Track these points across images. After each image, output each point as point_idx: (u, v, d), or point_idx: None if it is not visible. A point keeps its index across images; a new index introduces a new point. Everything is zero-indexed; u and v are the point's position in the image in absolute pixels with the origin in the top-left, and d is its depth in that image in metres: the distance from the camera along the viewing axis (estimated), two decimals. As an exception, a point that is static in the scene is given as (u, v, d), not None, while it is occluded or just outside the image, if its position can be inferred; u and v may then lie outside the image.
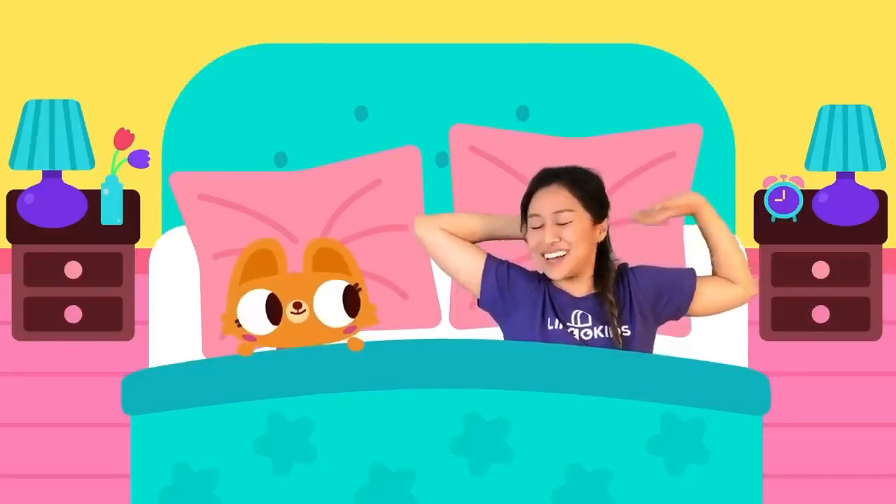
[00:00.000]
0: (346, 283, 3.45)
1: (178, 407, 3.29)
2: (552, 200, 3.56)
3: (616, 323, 3.54)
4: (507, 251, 3.76)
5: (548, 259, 3.55)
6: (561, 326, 3.57)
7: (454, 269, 3.71)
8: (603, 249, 3.63)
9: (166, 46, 4.32)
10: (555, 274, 3.55)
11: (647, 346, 3.62)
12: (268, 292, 3.41)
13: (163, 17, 4.33)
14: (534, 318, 3.58)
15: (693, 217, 3.69)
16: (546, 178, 3.61)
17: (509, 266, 3.67)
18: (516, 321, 3.61)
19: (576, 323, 3.57)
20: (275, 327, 3.41)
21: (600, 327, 3.57)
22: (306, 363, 3.28)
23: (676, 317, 3.66)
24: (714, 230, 3.66)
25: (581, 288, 3.61)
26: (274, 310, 3.41)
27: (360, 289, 3.46)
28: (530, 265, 3.70)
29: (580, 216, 3.56)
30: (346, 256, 3.49)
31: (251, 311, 3.41)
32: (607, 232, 3.63)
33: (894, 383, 4.32)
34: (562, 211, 3.55)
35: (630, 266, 3.66)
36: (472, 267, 3.68)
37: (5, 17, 4.33)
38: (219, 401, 3.27)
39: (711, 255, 3.70)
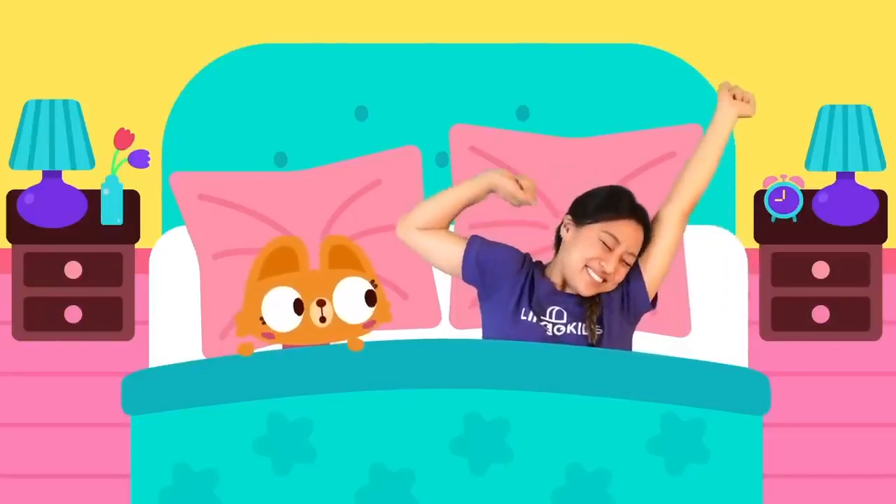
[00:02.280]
0: (363, 280, 3.46)
1: (178, 407, 3.29)
2: (636, 240, 3.60)
3: (593, 324, 3.56)
4: (519, 240, 3.76)
5: (591, 276, 3.56)
6: (535, 320, 3.58)
7: (438, 265, 3.74)
8: None
9: (166, 46, 4.32)
10: (587, 292, 3.58)
11: (623, 339, 3.63)
12: (293, 291, 3.41)
13: (163, 17, 4.33)
14: (508, 306, 3.60)
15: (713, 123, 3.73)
16: (636, 210, 3.63)
17: (494, 250, 3.67)
18: (495, 303, 3.63)
19: (550, 318, 3.59)
20: (297, 325, 3.41)
21: (574, 324, 3.58)
22: (306, 363, 3.29)
23: (649, 309, 3.68)
24: (714, 145, 3.69)
25: (566, 284, 3.64)
26: (297, 308, 3.42)
27: (376, 285, 3.47)
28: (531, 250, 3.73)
29: (633, 263, 3.63)
30: (359, 254, 3.50)
31: (277, 308, 3.41)
32: None
33: (894, 383, 4.32)
34: (634, 254, 3.60)
35: None
36: (451, 258, 3.69)
37: (5, 17, 4.33)
38: (219, 401, 3.27)
39: (691, 158, 3.71)
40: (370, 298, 3.45)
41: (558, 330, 3.58)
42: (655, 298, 3.69)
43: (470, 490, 3.21)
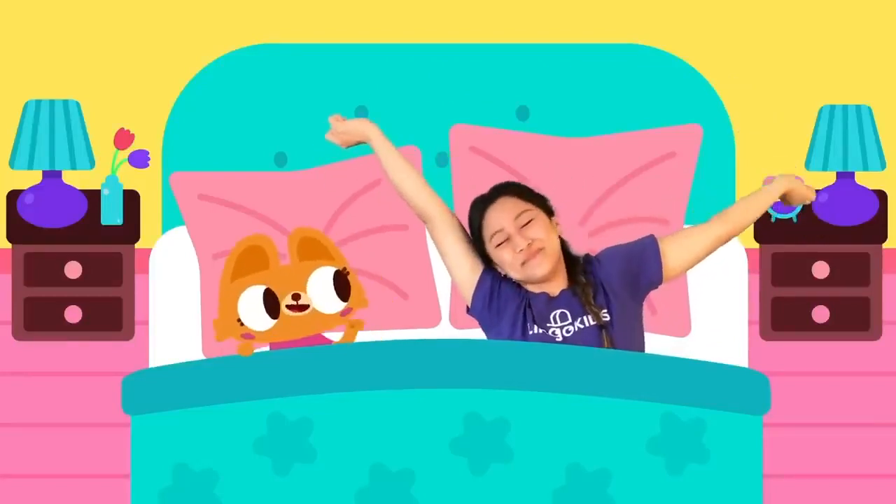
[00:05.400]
0: (335, 269, 3.47)
1: (178, 407, 3.29)
2: (508, 209, 3.57)
3: (593, 306, 3.53)
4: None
5: (527, 262, 3.54)
6: (541, 331, 3.55)
7: (451, 273, 3.66)
8: (563, 243, 3.64)
9: (166, 46, 4.32)
10: (540, 270, 3.53)
11: (632, 326, 3.58)
12: (267, 288, 3.42)
13: (163, 17, 4.33)
14: (514, 331, 3.57)
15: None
16: (487, 199, 3.61)
17: (501, 280, 3.62)
18: (498, 332, 3.59)
19: (555, 323, 3.56)
20: (274, 321, 3.43)
21: (580, 318, 3.56)
22: (306, 363, 3.28)
23: (655, 286, 3.63)
24: (763, 203, 3.70)
25: (557, 285, 3.59)
26: (272, 304, 3.43)
27: (348, 272, 3.48)
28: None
29: (538, 213, 3.58)
30: (328, 243, 3.51)
31: (253, 307, 3.42)
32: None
33: (894, 383, 4.32)
34: (521, 213, 3.56)
35: (592, 254, 3.64)
36: (467, 277, 3.62)
37: (5, 17, 4.33)
38: (219, 401, 3.27)
39: (742, 199, 3.71)
40: (344, 286, 3.47)
41: (567, 331, 3.55)
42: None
43: (470, 490, 3.21)
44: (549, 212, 3.61)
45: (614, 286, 3.57)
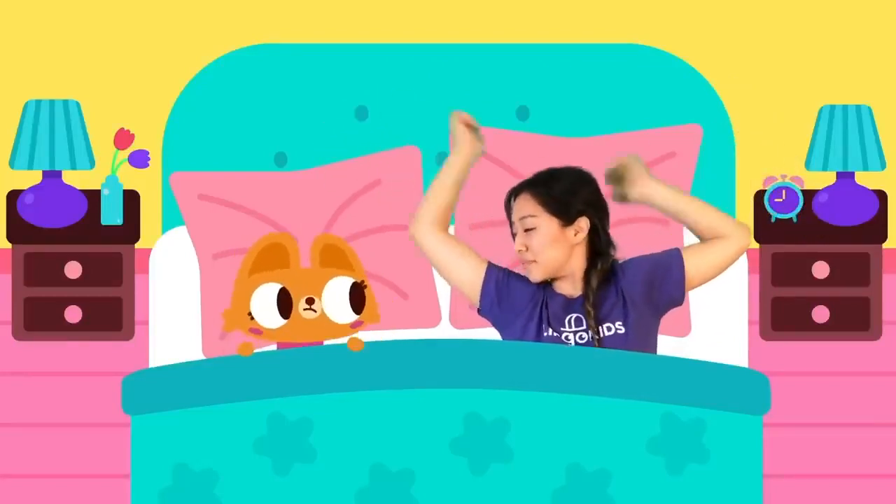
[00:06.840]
0: (353, 280, 3.47)
1: (178, 407, 3.29)
2: (519, 207, 3.60)
3: (594, 328, 3.52)
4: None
5: (524, 264, 3.59)
6: (555, 335, 3.54)
7: (455, 280, 3.65)
8: (595, 250, 3.61)
9: (166, 46, 4.32)
10: (531, 278, 3.59)
11: (647, 339, 3.57)
12: (283, 287, 3.43)
13: (163, 17, 4.33)
14: (529, 329, 3.57)
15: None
16: (520, 184, 3.64)
17: (509, 275, 3.63)
18: (514, 331, 3.59)
19: (570, 327, 3.54)
20: (285, 321, 3.43)
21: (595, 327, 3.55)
22: (306, 363, 3.29)
23: (678, 303, 3.61)
24: (671, 198, 3.58)
25: (576, 287, 3.59)
26: (285, 304, 3.43)
27: (365, 286, 3.48)
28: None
29: (545, 221, 3.56)
30: (350, 253, 3.51)
31: (266, 304, 3.42)
32: (591, 232, 3.58)
33: (894, 383, 4.32)
34: (525, 217, 3.57)
35: (620, 261, 3.62)
36: (471, 278, 3.63)
37: (5, 17, 4.33)
38: (219, 401, 3.27)
39: (686, 225, 3.61)
40: (359, 299, 3.47)
41: (581, 338, 3.55)
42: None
43: (470, 490, 3.21)
44: (570, 219, 3.57)
45: (634, 296, 3.56)
